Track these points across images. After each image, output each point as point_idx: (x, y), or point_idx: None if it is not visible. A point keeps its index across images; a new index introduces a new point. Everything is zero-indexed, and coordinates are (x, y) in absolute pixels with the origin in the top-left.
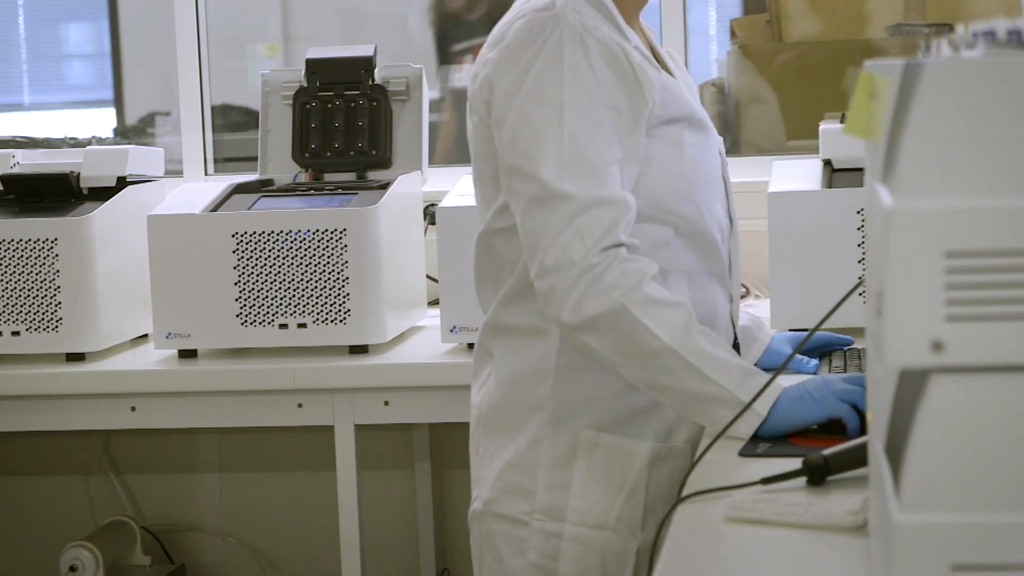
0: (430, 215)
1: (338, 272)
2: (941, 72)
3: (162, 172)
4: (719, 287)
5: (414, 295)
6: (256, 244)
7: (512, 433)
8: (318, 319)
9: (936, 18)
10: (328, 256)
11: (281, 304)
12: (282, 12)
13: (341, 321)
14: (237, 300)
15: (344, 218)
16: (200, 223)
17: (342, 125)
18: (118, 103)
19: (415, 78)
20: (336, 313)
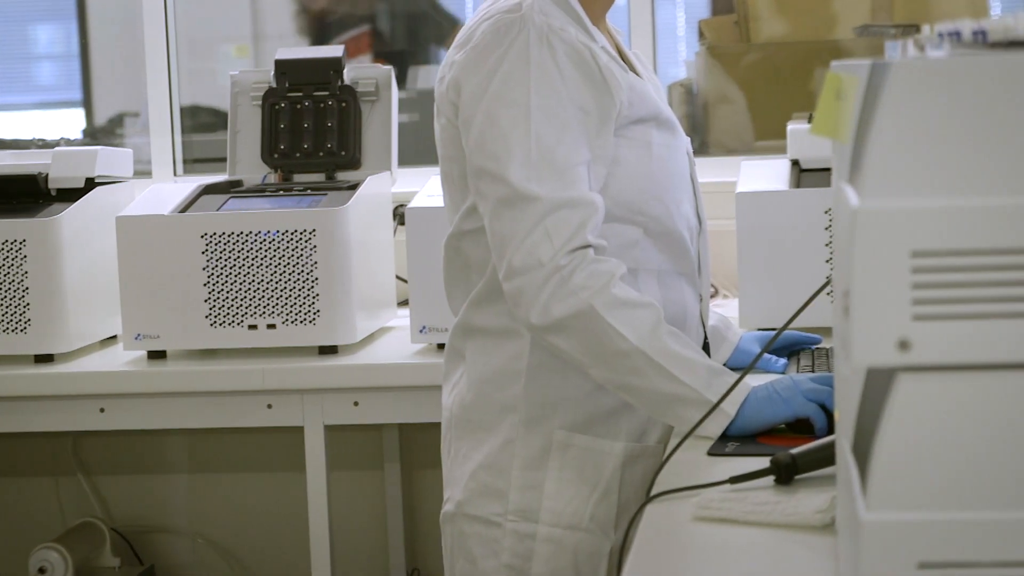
0: (399, 216)
1: (307, 273)
2: (907, 72)
3: (131, 173)
4: (689, 286)
5: (383, 296)
6: (225, 245)
7: (484, 434)
8: (287, 320)
9: (903, 19)
10: (297, 257)
11: (250, 305)
12: (251, 13)
13: (310, 322)
14: (206, 301)
15: (313, 219)
16: (169, 224)
17: (311, 126)
18: (87, 104)
19: (384, 79)
20: (305, 314)
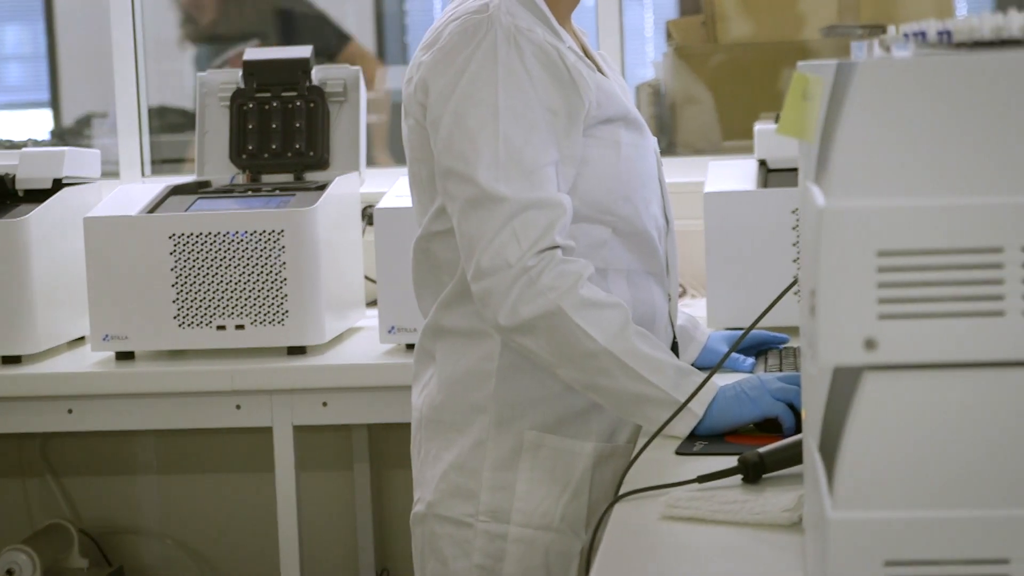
0: (368, 216)
1: (276, 273)
2: (872, 72)
3: (98, 174)
4: (657, 286)
5: (352, 296)
6: (193, 246)
7: (455, 435)
8: (256, 320)
9: (869, 20)
10: (266, 257)
11: (219, 306)
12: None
13: (279, 322)
14: (175, 302)
15: (282, 219)
16: (137, 225)
17: (279, 126)
18: (54, 105)
19: (352, 79)
20: (274, 314)
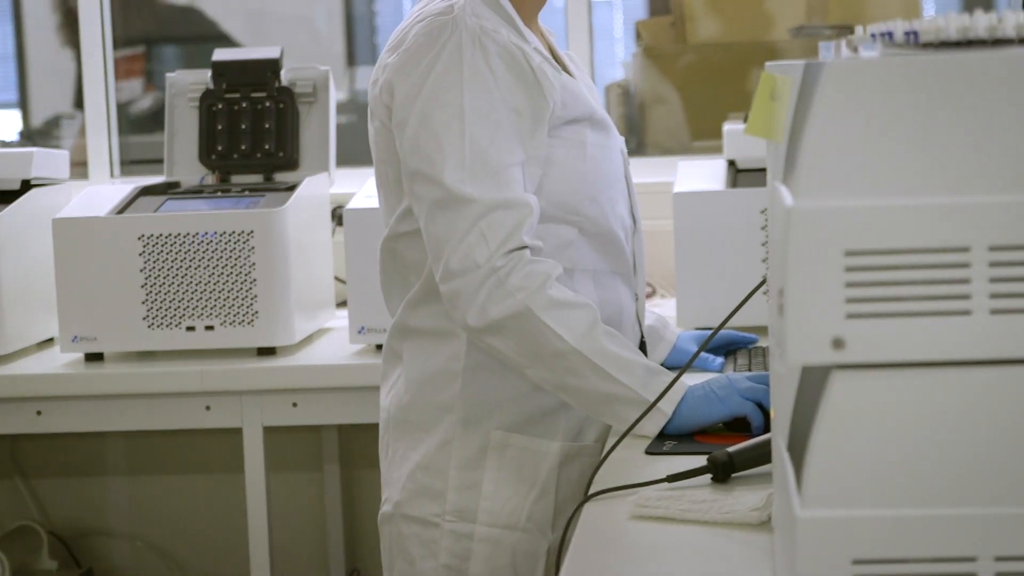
0: (337, 217)
1: (245, 274)
2: (840, 72)
3: (67, 175)
4: (624, 286)
5: (322, 296)
6: (163, 246)
7: (422, 435)
8: (226, 321)
9: (837, 20)
10: (235, 258)
11: (188, 306)
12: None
13: (249, 323)
14: (144, 303)
15: (251, 220)
16: (106, 226)
17: (249, 127)
18: (23, 106)
19: (322, 80)
20: (244, 315)
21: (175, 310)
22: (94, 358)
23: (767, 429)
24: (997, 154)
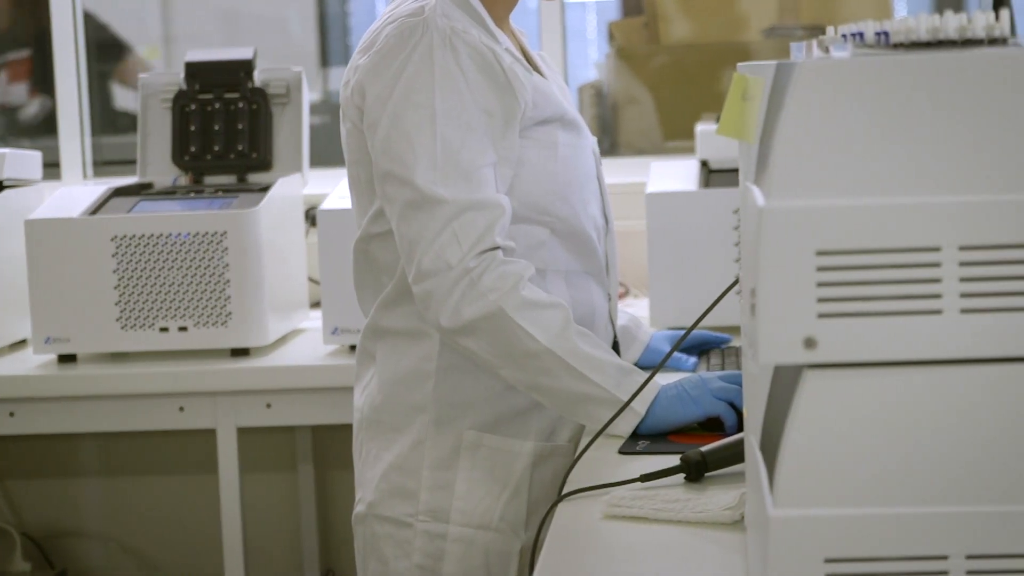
0: (311, 217)
1: (219, 275)
2: (811, 73)
3: (40, 175)
4: (597, 286)
5: (295, 297)
6: (136, 248)
7: (395, 435)
8: (199, 322)
9: (809, 21)
10: (209, 259)
11: (162, 308)
12: (162, 14)
13: (222, 324)
14: (117, 304)
15: (224, 221)
16: (79, 227)
17: (222, 128)
18: None
19: (295, 81)
20: (217, 316)
21: (148, 311)
22: (67, 359)
23: (740, 428)
24: (968, 154)
